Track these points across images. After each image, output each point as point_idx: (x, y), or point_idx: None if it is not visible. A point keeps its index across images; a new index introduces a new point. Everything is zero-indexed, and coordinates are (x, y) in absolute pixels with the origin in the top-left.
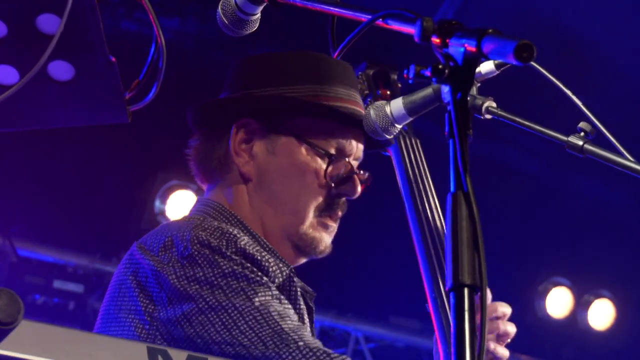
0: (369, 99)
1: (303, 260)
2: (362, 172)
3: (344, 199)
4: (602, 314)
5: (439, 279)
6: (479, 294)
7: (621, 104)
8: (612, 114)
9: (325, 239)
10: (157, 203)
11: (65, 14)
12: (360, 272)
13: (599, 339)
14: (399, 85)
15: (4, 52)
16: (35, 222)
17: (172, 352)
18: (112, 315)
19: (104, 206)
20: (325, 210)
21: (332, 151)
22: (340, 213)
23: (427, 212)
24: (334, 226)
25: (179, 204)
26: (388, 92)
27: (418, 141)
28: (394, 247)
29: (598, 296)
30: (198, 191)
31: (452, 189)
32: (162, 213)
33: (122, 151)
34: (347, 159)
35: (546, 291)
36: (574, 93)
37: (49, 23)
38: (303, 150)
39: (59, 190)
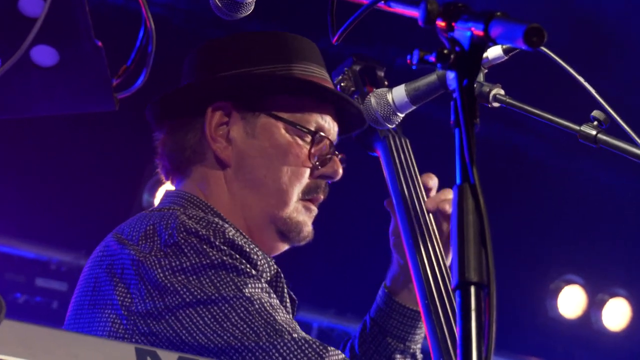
0: (355, 96)
1: (285, 248)
2: (339, 153)
3: (326, 181)
4: (617, 314)
5: (431, 283)
6: (486, 292)
7: (637, 87)
8: (628, 97)
9: (308, 224)
10: (146, 196)
11: None
12: (360, 273)
13: (614, 340)
14: (386, 82)
15: None
16: (16, 216)
17: (162, 353)
18: (85, 312)
19: (90, 199)
20: (309, 193)
21: (313, 129)
22: (322, 197)
23: (417, 214)
24: (315, 211)
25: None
26: (374, 89)
27: (408, 141)
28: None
29: (613, 295)
30: None
31: (458, 181)
32: (151, 206)
33: (108, 141)
34: (327, 138)
35: (558, 290)
36: (586, 77)
37: (33, 5)
38: (283, 129)
39: (42, 183)
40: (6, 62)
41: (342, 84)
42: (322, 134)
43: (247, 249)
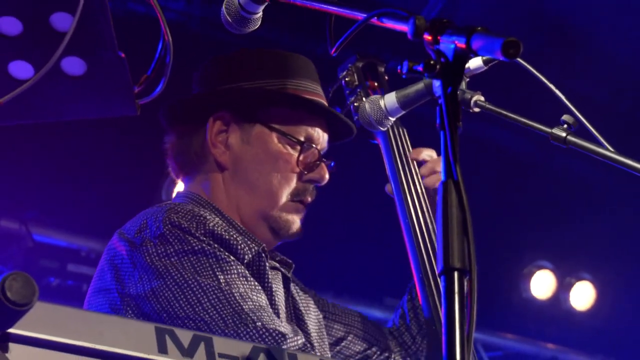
0: (358, 90)
1: (277, 242)
2: (327, 160)
3: (313, 185)
4: (583, 295)
5: (426, 263)
6: (468, 277)
7: (606, 83)
8: (597, 92)
9: (297, 222)
10: (164, 192)
11: (78, 12)
12: (357, 256)
13: (580, 318)
14: (387, 77)
15: (20, 48)
16: (50, 208)
17: (178, 331)
18: (92, 298)
19: (115, 195)
20: (297, 196)
21: (302, 139)
22: (309, 199)
23: (414, 198)
24: (304, 210)
25: None
26: (376, 84)
27: (405, 131)
28: (388, 235)
29: (579, 278)
30: None
31: (442, 177)
32: (170, 199)
33: (131, 142)
34: (315, 147)
35: (530, 274)
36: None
37: (62, 21)
38: (275, 139)
39: (73, 179)
40: (39, 72)
41: (346, 79)
42: (310, 143)
43: (227, 237)
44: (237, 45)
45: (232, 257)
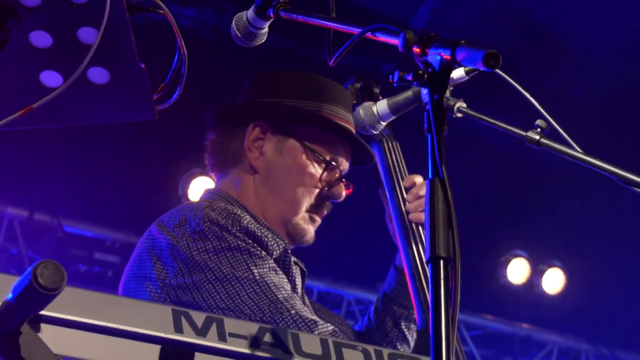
0: (357, 107)
1: (291, 247)
2: (346, 181)
3: (330, 201)
4: (554, 281)
5: (415, 254)
6: (452, 265)
7: (579, 82)
8: (571, 90)
9: (311, 231)
10: (180, 189)
11: (102, 27)
12: (352, 245)
13: (551, 301)
14: (381, 97)
15: (50, 59)
16: (79, 203)
17: (194, 314)
18: (132, 283)
19: (138, 189)
20: (315, 208)
21: (328, 159)
22: (325, 212)
23: (405, 202)
24: (319, 222)
25: (199, 188)
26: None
27: (398, 144)
28: (381, 227)
29: (550, 266)
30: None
31: (430, 176)
32: (185, 195)
33: (151, 144)
34: (338, 168)
35: (507, 262)
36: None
37: (88, 35)
38: (305, 154)
39: (100, 176)
40: (67, 81)
41: None
42: (334, 163)
43: (259, 234)
44: (247, 51)
45: (263, 252)
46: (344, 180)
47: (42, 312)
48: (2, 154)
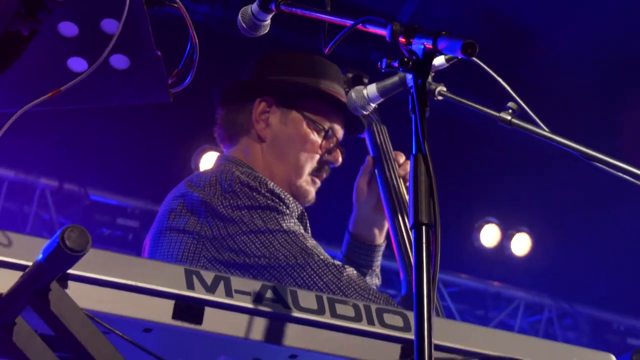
0: (349, 92)
1: None
2: (342, 148)
3: (329, 165)
4: (521, 244)
5: (401, 223)
6: (433, 230)
7: (545, 70)
8: (547, 84)
9: (312, 193)
10: (192, 161)
11: (123, 18)
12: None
13: (519, 262)
14: None
15: (76, 47)
16: (103, 174)
17: (204, 273)
18: (164, 236)
19: (155, 163)
20: (316, 172)
21: (327, 128)
22: (324, 175)
23: (392, 178)
24: (319, 184)
25: (209, 161)
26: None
27: (385, 128)
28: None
29: (519, 231)
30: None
31: (413, 151)
32: (197, 168)
33: (166, 122)
34: (335, 136)
35: (480, 227)
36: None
37: (111, 25)
38: (306, 125)
39: (122, 151)
40: (91, 66)
41: None
42: (332, 132)
43: (283, 196)
44: (251, 41)
45: (288, 210)
46: (340, 147)
47: (69, 271)
48: (35, 132)
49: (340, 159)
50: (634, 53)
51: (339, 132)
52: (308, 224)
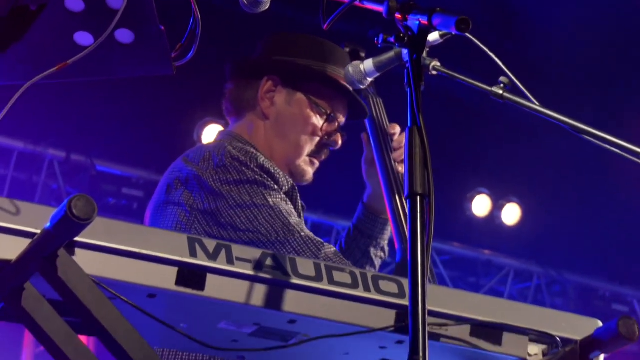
0: (347, 66)
1: None
2: (342, 132)
3: (328, 148)
4: (511, 214)
5: (396, 194)
6: (427, 200)
7: (534, 46)
8: (528, 52)
9: (310, 173)
10: (195, 134)
11: None
12: (340, 184)
13: (509, 231)
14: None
15: (82, 22)
16: (109, 146)
17: (205, 240)
18: (161, 208)
19: (159, 135)
20: (315, 153)
21: (329, 112)
22: (323, 157)
23: (388, 149)
24: (317, 165)
25: (211, 134)
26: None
27: (381, 100)
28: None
29: (509, 201)
30: (225, 125)
31: (409, 124)
32: (199, 139)
33: (170, 95)
34: (336, 120)
35: (472, 198)
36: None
37: (116, 1)
38: (310, 107)
39: (127, 123)
40: (97, 40)
41: None
42: (334, 116)
43: (272, 170)
44: (252, 18)
45: (276, 186)
46: (340, 131)
47: (76, 239)
48: (44, 104)
49: (340, 143)
50: (621, 29)
51: (341, 116)
52: (298, 198)
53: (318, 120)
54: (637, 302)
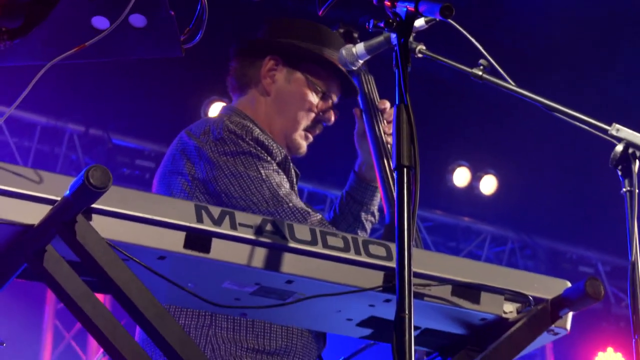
0: (340, 49)
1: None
2: (335, 109)
3: (322, 124)
4: (488, 185)
5: (385, 164)
6: (413, 172)
7: (511, 31)
8: (505, 37)
9: (304, 146)
10: (202, 111)
11: None
12: (334, 155)
13: (486, 200)
14: (359, 40)
15: (99, 6)
16: (124, 121)
17: (211, 208)
18: (166, 177)
19: (170, 111)
20: (310, 128)
21: (324, 90)
22: (317, 132)
23: (378, 123)
24: (311, 139)
25: (216, 111)
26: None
27: (372, 77)
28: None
29: (486, 173)
30: (229, 103)
31: (397, 102)
32: (207, 115)
33: (180, 75)
34: (331, 98)
35: (453, 169)
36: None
37: None
38: (307, 86)
39: (141, 100)
40: (112, 24)
41: None
42: (328, 94)
43: (266, 143)
44: (255, 5)
45: (269, 157)
46: (334, 108)
47: (93, 206)
48: (64, 83)
49: (333, 119)
50: (595, 14)
51: (335, 95)
52: (291, 167)
53: (314, 98)
54: (601, 264)
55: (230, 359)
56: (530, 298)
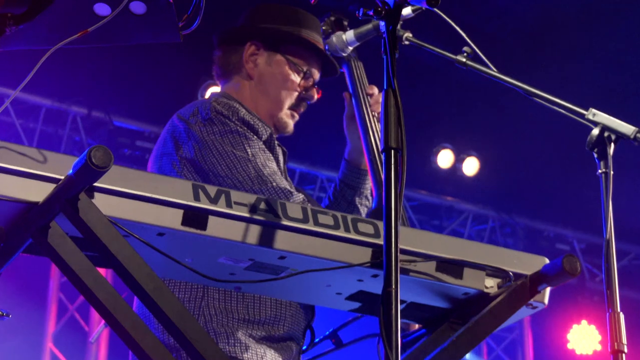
0: (331, 35)
1: (276, 136)
2: (318, 87)
3: (306, 102)
4: (471, 166)
5: (374, 148)
6: (400, 154)
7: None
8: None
9: (291, 124)
10: (199, 94)
11: None
12: (325, 136)
13: (469, 180)
14: (349, 28)
15: None
16: (125, 103)
17: (208, 187)
18: (158, 158)
19: (168, 94)
20: (295, 107)
21: (305, 70)
22: (302, 110)
23: (367, 107)
24: (297, 117)
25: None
26: (342, 32)
27: (361, 63)
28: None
29: (469, 155)
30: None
31: (385, 87)
32: (202, 98)
33: (177, 60)
34: (312, 77)
35: (437, 152)
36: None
37: None
38: (288, 66)
39: (141, 84)
40: (114, 11)
41: (323, 27)
42: (309, 73)
43: (252, 122)
44: None
45: (255, 136)
46: (316, 86)
47: (95, 184)
48: (68, 67)
49: (315, 96)
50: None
51: (316, 74)
52: (276, 145)
53: (295, 77)
54: (577, 241)
55: (222, 329)
56: (511, 274)
